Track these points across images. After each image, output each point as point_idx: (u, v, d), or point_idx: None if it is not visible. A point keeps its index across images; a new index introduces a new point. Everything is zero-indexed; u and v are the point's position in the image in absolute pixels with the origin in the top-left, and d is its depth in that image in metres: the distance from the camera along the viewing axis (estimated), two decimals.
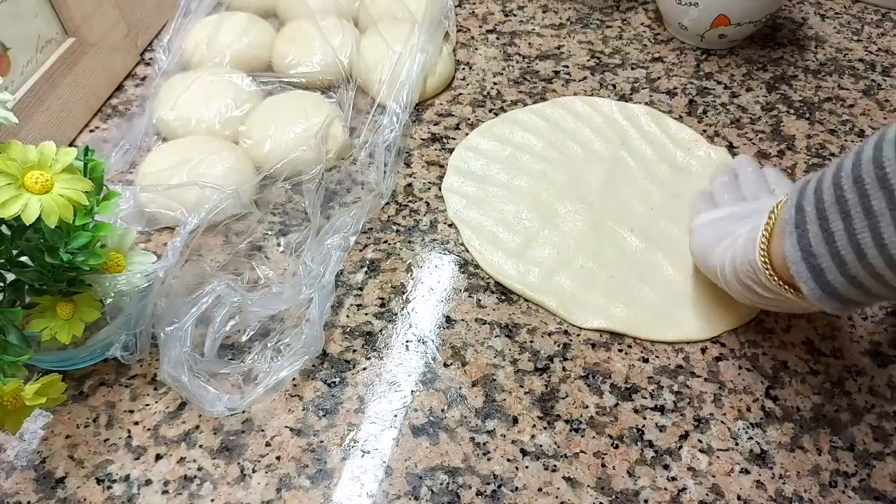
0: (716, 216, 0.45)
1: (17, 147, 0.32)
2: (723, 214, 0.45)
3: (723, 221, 0.44)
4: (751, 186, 0.47)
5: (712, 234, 0.44)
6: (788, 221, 0.33)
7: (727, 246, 0.41)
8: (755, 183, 0.47)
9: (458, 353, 0.43)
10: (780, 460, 0.39)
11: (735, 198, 0.47)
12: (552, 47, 0.66)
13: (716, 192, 0.48)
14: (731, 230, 0.42)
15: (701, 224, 0.45)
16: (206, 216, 0.43)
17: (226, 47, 0.58)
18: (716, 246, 0.42)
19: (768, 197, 0.45)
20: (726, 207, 0.46)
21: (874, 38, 0.69)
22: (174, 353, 0.38)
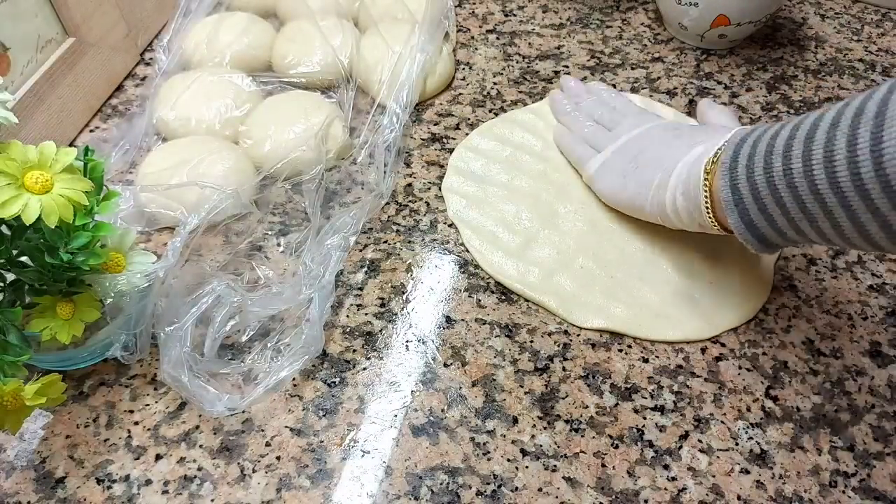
0: (605, 159, 0.49)
1: (17, 147, 0.32)
2: (608, 156, 0.49)
3: (618, 163, 0.48)
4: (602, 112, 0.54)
5: (619, 181, 0.47)
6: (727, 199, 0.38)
7: (656, 194, 0.44)
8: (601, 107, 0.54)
9: (458, 353, 0.43)
10: (780, 460, 0.39)
11: (597, 129, 0.52)
12: (552, 47, 0.66)
13: (578, 130, 0.54)
14: (641, 176, 0.45)
15: (599, 172, 0.49)
16: (206, 216, 0.43)
17: (226, 47, 0.58)
18: (640, 195, 0.45)
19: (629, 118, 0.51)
20: (605, 146, 0.50)
21: (874, 38, 0.69)
22: (174, 353, 0.38)
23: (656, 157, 0.45)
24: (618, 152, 0.48)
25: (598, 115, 0.54)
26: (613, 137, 0.50)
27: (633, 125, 0.50)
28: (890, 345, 0.44)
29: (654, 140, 0.47)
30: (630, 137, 0.49)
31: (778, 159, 0.35)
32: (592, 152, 0.51)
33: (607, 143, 0.50)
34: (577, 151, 0.52)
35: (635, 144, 0.48)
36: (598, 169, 0.49)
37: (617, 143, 0.49)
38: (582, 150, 0.52)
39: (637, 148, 0.47)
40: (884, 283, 0.48)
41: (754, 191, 0.36)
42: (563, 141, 0.54)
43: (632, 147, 0.48)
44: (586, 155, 0.51)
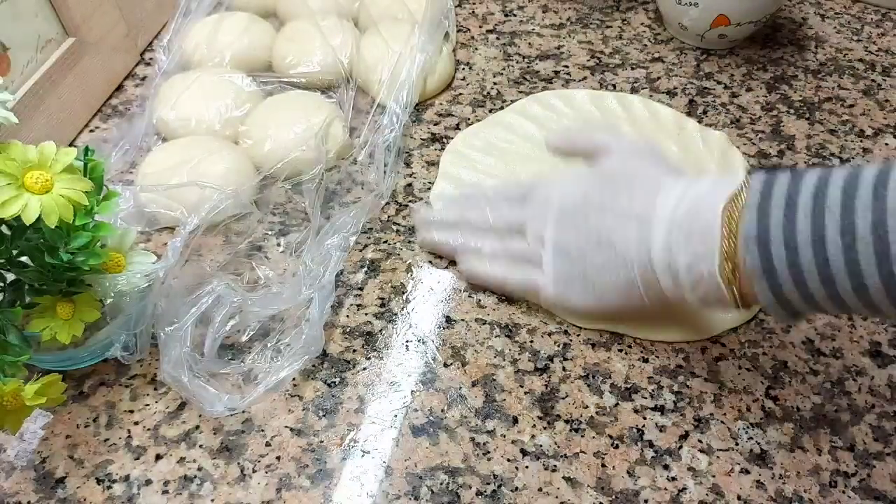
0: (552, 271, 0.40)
1: (17, 147, 0.32)
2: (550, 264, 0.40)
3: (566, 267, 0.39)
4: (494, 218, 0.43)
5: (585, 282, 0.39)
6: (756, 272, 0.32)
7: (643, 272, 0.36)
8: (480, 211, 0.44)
9: (458, 353, 0.43)
10: (780, 460, 0.39)
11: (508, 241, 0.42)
12: (552, 47, 0.66)
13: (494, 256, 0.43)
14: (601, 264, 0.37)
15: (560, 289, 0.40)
16: (206, 216, 0.43)
17: (226, 47, 0.58)
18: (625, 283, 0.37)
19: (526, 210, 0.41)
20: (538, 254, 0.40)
21: (874, 38, 0.69)
22: (174, 353, 0.38)
23: (609, 246, 0.37)
24: (559, 254, 0.39)
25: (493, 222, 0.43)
26: (537, 238, 0.40)
27: (538, 207, 0.40)
28: (890, 345, 0.44)
29: (581, 218, 0.38)
30: (555, 224, 0.39)
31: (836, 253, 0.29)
32: (529, 271, 0.41)
33: (537, 248, 0.40)
34: (519, 278, 0.42)
35: (568, 234, 0.38)
36: (555, 288, 0.40)
37: (549, 244, 0.39)
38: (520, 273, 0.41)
39: (576, 238, 0.38)
40: None
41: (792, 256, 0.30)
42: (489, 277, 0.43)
43: (569, 239, 0.38)
44: (526, 276, 0.41)
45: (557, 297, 0.40)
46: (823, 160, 0.56)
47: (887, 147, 0.57)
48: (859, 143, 0.57)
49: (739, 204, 0.33)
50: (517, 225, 0.42)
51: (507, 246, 0.42)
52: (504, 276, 0.42)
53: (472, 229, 0.44)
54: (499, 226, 0.43)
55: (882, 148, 0.57)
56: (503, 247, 0.42)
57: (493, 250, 0.43)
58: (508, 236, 0.42)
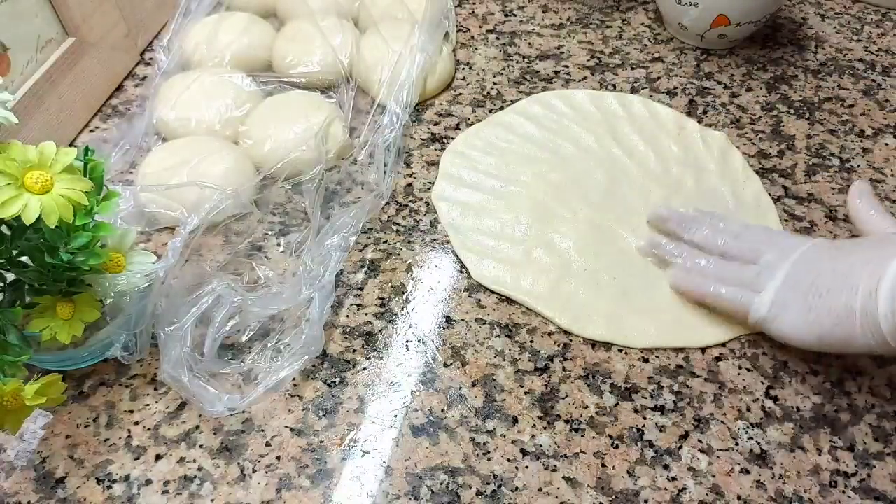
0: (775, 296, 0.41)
1: (17, 147, 0.32)
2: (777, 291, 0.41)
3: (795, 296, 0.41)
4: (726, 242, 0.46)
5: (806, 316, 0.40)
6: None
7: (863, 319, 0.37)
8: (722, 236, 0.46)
9: (458, 353, 0.43)
10: (780, 460, 0.39)
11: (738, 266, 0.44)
12: (552, 47, 0.66)
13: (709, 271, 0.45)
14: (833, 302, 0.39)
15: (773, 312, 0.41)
16: (206, 216, 0.43)
17: (226, 47, 0.58)
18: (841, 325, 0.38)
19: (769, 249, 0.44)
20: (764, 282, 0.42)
21: (874, 38, 0.69)
22: (174, 353, 0.38)
23: (842, 279, 0.39)
24: (786, 286, 0.41)
25: (722, 247, 0.46)
26: (769, 271, 0.42)
27: (780, 252, 0.43)
28: None
29: (823, 263, 0.40)
30: (793, 263, 0.42)
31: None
32: (748, 292, 0.43)
33: (765, 277, 0.42)
34: (729, 294, 0.44)
35: (803, 273, 0.41)
36: (770, 309, 0.41)
37: (781, 274, 0.42)
38: (731, 292, 0.44)
39: (809, 273, 0.40)
40: None
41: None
42: (696, 285, 0.45)
43: (801, 277, 0.41)
44: (745, 296, 0.43)
45: (769, 314, 0.41)
46: (823, 160, 0.56)
47: (887, 147, 0.57)
48: (859, 143, 0.57)
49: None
50: (749, 253, 0.44)
51: (732, 268, 0.45)
52: (715, 290, 0.44)
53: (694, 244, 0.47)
54: (732, 252, 0.45)
55: (882, 148, 0.57)
56: (723, 265, 0.45)
57: (714, 268, 0.45)
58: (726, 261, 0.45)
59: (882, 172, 0.55)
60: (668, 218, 0.48)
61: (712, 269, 0.45)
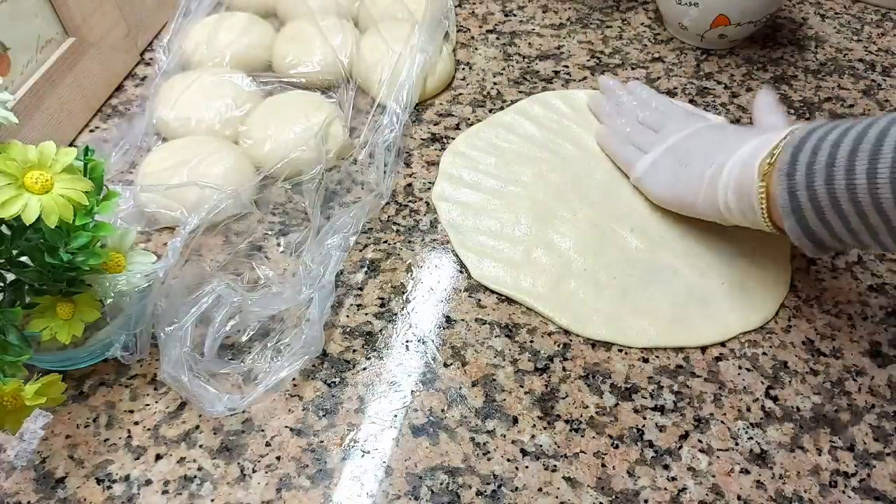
0: (654, 159, 0.49)
1: (17, 147, 0.32)
2: (657, 156, 0.49)
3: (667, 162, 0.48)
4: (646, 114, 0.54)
5: (670, 179, 0.47)
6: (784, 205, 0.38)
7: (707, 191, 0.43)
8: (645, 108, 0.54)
9: (458, 353, 0.43)
10: (780, 460, 0.39)
11: (643, 130, 0.52)
12: (552, 47, 0.66)
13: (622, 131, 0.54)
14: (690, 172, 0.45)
15: (648, 172, 0.49)
16: (206, 216, 0.43)
17: (226, 47, 0.58)
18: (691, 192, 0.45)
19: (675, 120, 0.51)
20: (653, 147, 0.50)
21: (874, 38, 0.69)
22: (174, 353, 0.38)
23: (706, 153, 0.45)
24: (667, 152, 0.49)
25: (641, 116, 0.54)
26: (661, 138, 0.50)
27: (679, 126, 0.50)
28: (890, 345, 0.44)
29: (702, 139, 0.47)
30: (679, 137, 0.49)
31: (840, 172, 0.35)
32: (639, 153, 0.51)
33: (655, 143, 0.50)
34: (624, 152, 0.52)
35: (683, 144, 0.48)
36: (647, 169, 0.49)
37: (665, 144, 0.49)
38: (628, 150, 0.52)
39: (685, 147, 0.48)
40: (884, 283, 0.48)
41: (814, 200, 0.36)
42: (608, 142, 0.54)
43: (680, 146, 0.48)
44: (634, 156, 0.51)
45: (644, 175, 0.50)
46: None
47: None
48: None
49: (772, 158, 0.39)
50: (656, 123, 0.52)
51: (639, 132, 0.53)
52: (617, 146, 0.53)
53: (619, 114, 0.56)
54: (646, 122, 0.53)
55: None
56: (636, 129, 0.53)
57: (629, 131, 0.53)
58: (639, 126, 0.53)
59: None
60: (605, 86, 0.58)
61: (626, 130, 0.53)
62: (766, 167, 0.39)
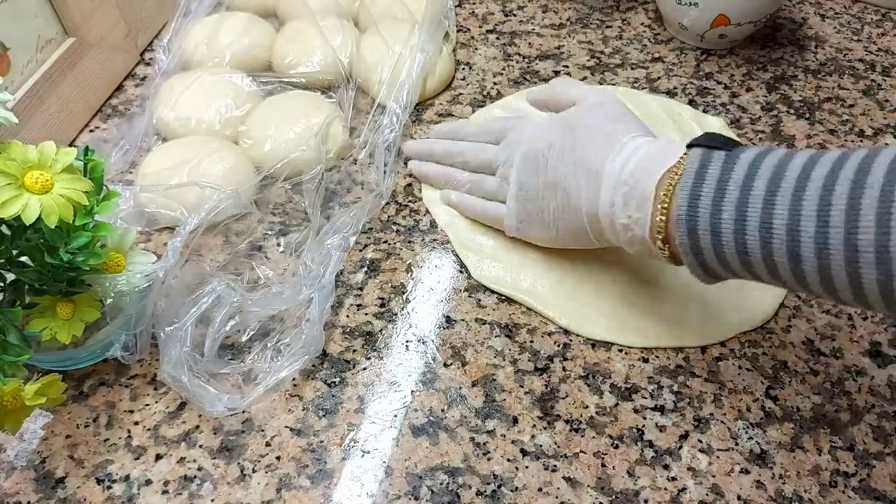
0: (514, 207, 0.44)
1: (17, 147, 0.32)
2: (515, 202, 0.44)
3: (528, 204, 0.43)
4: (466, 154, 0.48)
5: (542, 221, 0.43)
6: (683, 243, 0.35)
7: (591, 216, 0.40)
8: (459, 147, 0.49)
9: (458, 353, 0.43)
10: (780, 460, 0.39)
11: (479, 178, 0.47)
12: (552, 47, 0.66)
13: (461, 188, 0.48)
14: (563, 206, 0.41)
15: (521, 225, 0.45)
16: (206, 216, 0.43)
17: (226, 47, 0.58)
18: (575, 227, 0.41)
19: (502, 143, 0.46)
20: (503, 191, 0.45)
21: (874, 38, 0.69)
22: (174, 353, 0.38)
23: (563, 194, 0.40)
24: (521, 196, 0.43)
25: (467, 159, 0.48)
26: (504, 179, 0.45)
27: (508, 150, 0.45)
28: (890, 345, 0.44)
29: (541, 170, 0.42)
30: (517, 173, 0.43)
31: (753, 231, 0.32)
32: (498, 205, 0.46)
33: (504, 188, 0.45)
34: (485, 211, 0.47)
35: (528, 180, 0.43)
36: (517, 223, 0.45)
37: (513, 186, 0.44)
38: (491, 207, 0.46)
39: (533, 186, 0.42)
40: None
41: (716, 242, 0.33)
42: (462, 207, 0.48)
43: (528, 185, 0.43)
44: (495, 210, 0.46)
45: (519, 232, 0.45)
46: None
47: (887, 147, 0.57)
48: (859, 143, 0.57)
49: (675, 179, 0.35)
50: (490, 163, 0.46)
51: (480, 182, 0.47)
52: (475, 209, 0.48)
53: (454, 162, 0.49)
54: (475, 163, 0.48)
55: None
56: (476, 182, 0.47)
57: (470, 186, 0.48)
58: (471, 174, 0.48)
59: None
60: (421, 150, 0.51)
61: (468, 186, 0.48)
62: (666, 188, 0.35)
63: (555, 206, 0.42)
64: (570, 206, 0.40)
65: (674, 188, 0.35)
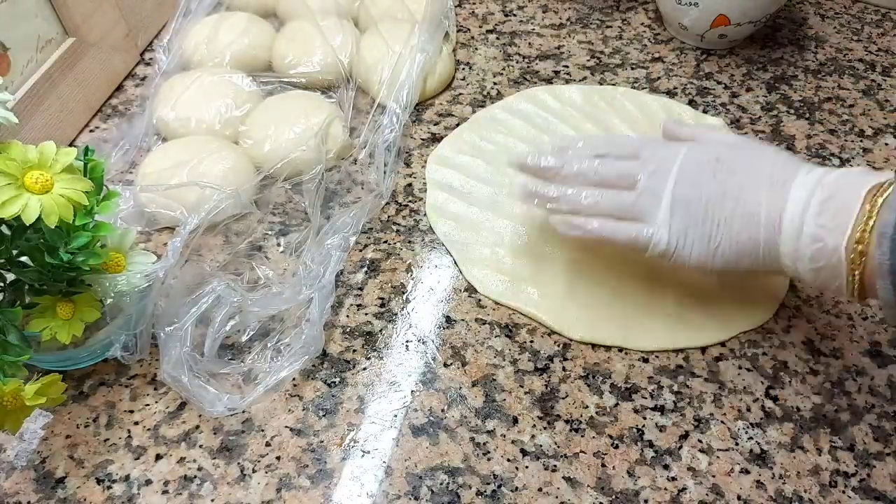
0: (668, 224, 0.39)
1: (17, 147, 0.32)
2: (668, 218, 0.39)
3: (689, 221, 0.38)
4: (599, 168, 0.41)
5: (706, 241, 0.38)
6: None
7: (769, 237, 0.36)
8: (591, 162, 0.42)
9: (458, 353, 0.43)
10: (780, 460, 0.39)
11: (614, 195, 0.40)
12: (552, 47, 0.66)
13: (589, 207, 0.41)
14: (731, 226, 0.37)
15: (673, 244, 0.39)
16: (206, 216, 0.43)
17: (226, 47, 0.58)
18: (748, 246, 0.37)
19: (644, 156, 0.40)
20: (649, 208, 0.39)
21: (874, 38, 0.69)
22: (174, 353, 0.38)
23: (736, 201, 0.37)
24: (677, 211, 0.38)
25: (596, 173, 0.41)
26: (651, 194, 0.39)
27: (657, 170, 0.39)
28: (890, 345, 0.44)
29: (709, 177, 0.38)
30: (675, 185, 0.39)
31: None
32: (639, 224, 0.39)
33: (648, 203, 0.39)
34: (616, 231, 0.40)
35: (690, 191, 0.38)
36: (669, 242, 0.39)
37: (665, 200, 0.38)
38: (621, 228, 0.40)
39: (697, 196, 0.38)
40: None
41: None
42: (579, 228, 0.41)
43: (690, 197, 0.38)
44: (634, 229, 0.39)
45: (671, 249, 0.39)
46: (823, 160, 0.56)
47: (887, 147, 0.57)
48: (859, 143, 0.57)
49: (883, 197, 0.33)
50: (628, 178, 0.40)
51: (615, 197, 0.40)
52: (606, 230, 0.40)
53: (569, 180, 0.42)
54: (609, 178, 0.41)
55: (882, 148, 0.57)
56: (610, 199, 0.40)
57: (591, 201, 0.40)
58: (601, 191, 0.41)
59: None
60: (534, 166, 0.43)
61: (589, 202, 0.40)
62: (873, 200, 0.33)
63: (721, 218, 0.37)
64: (744, 214, 0.37)
65: (882, 203, 0.32)
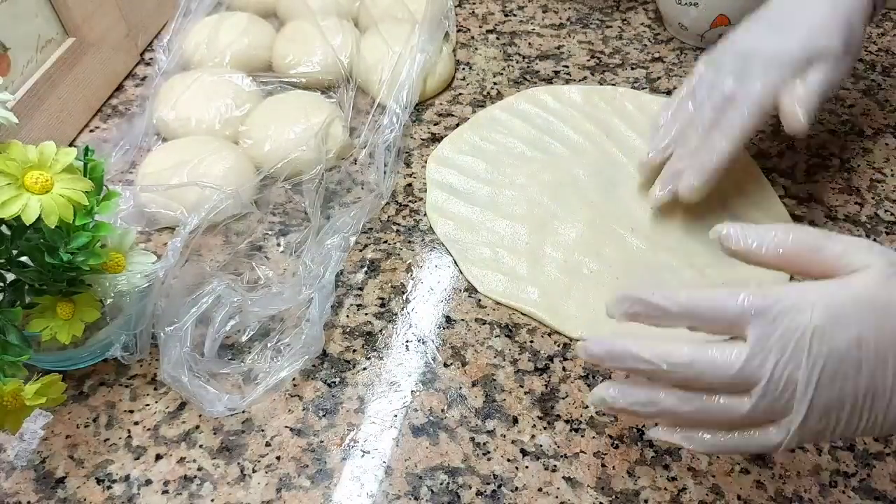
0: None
1: (17, 147, 0.32)
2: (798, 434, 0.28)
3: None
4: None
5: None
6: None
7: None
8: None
9: (458, 353, 0.43)
10: (780, 460, 0.39)
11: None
12: (552, 47, 0.66)
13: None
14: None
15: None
16: (206, 216, 0.43)
17: (226, 47, 0.58)
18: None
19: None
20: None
21: (874, 38, 0.69)
22: (174, 353, 0.38)
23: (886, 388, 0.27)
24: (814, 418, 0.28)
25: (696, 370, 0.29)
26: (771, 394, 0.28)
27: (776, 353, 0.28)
28: None
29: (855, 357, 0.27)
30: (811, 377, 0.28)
31: None
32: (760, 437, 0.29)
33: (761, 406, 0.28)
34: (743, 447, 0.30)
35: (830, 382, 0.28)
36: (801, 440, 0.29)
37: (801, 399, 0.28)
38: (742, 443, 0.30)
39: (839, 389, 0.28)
40: None
41: None
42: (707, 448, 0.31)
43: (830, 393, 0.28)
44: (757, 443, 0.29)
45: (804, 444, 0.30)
46: (823, 160, 0.56)
47: (887, 147, 0.57)
48: (859, 143, 0.57)
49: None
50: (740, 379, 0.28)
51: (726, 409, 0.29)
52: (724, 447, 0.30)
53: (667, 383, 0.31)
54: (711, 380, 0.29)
55: (882, 148, 0.57)
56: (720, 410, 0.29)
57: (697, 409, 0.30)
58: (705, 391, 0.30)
59: (882, 172, 0.55)
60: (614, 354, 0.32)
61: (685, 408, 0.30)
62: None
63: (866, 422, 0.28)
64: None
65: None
